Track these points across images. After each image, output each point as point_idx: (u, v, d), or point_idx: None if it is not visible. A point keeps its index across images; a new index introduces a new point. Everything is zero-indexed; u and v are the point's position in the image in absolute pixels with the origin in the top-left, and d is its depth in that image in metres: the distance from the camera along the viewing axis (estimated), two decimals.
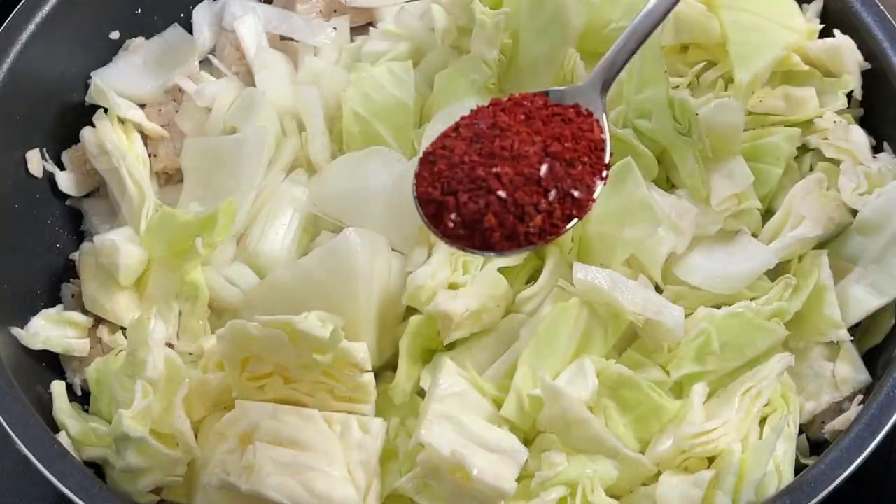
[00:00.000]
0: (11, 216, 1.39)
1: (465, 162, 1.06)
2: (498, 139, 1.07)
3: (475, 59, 1.39)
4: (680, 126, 1.30)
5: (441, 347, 1.29)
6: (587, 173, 1.09)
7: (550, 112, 1.12)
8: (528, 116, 1.10)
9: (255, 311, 1.28)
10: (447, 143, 1.09)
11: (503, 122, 1.09)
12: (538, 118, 1.10)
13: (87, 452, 1.24)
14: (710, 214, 1.31)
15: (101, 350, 1.38)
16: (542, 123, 1.10)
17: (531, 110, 1.11)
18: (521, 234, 1.05)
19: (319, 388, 1.22)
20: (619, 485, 1.21)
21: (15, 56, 1.37)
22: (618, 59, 1.16)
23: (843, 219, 1.31)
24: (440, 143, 1.10)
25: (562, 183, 1.06)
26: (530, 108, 1.12)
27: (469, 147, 1.07)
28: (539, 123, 1.10)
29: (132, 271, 1.36)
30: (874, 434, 1.16)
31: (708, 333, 1.25)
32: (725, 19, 1.38)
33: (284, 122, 1.47)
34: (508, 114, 1.11)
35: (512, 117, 1.10)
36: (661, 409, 1.23)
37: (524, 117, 1.10)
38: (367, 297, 1.26)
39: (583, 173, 1.08)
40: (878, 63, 1.39)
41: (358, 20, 1.61)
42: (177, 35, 1.58)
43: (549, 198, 1.05)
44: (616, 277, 1.26)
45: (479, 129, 1.09)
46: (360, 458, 1.19)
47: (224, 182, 1.41)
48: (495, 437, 1.18)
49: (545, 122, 1.10)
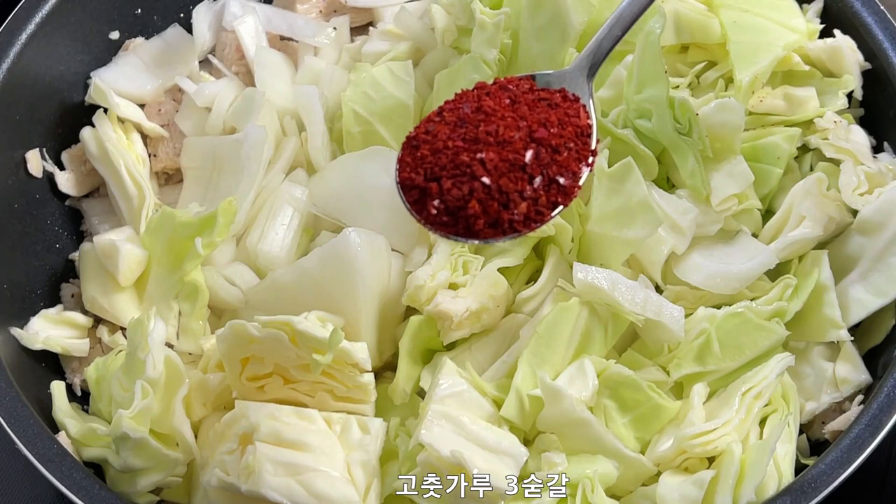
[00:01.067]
0: (11, 216, 1.39)
1: (449, 147, 1.04)
2: (483, 124, 1.05)
3: (475, 59, 1.39)
4: (680, 126, 1.30)
5: (441, 347, 1.29)
6: (573, 160, 1.07)
7: (536, 97, 1.10)
8: (513, 101, 1.08)
9: (255, 311, 1.28)
10: (430, 128, 1.07)
11: (488, 107, 1.06)
12: (524, 102, 1.08)
13: (87, 452, 1.24)
14: (710, 214, 1.31)
15: (101, 350, 1.39)
16: (527, 108, 1.07)
17: (517, 94, 1.09)
18: (506, 222, 1.03)
19: (319, 388, 1.22)
20: (619, 485, 1.21)
21: (15, 56, 1.38)
22: (604, 44, 1.15)
23: (844, 219, 1.31)
24: (423, 128, 1.08)
25: (547, 169, 1.04)
26: (516, 92, 1.09)
27: (453, 132, 1.05)
28: (525, 108, 1.07)
29: (132, 271, 1.36)
30: (874, 434, 1.16)
31: (708, 333, 1.25)
32: (725, 19, 1.38)
33: (284, 122, 1.47)
34: (493, 98, 1.09)
35: (497, 101, 1.08)
36: (661, 410, 1.23)
37: (509, 102, 1.08)
38: (367, 297, 1.26)
39: (568, 160, 1.06)
40: (878, 63, 1.39)
41: (358, 20, 1.61)
42: (177, 35, 1.58)
43: (535, 184, 1.03)
44: (616, 277, 1.26)
45: (464, 113, 1.06)
46: (360, 458, 1.19)
47: (224, 182, 1.41)
48: (495, 437, 1.18)
49: (531, 107, 1.08)
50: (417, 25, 1.49)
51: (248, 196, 1.39)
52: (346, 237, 1.27)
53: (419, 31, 1.48)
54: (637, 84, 1.32)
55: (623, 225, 1.27)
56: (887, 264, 1.27)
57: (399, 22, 1.51)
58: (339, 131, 1.46)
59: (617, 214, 1.28)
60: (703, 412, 1.22)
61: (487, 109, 1.06)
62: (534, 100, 1.09)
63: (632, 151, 1.33)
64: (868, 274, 1.29)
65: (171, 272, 1.35)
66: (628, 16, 1.15)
